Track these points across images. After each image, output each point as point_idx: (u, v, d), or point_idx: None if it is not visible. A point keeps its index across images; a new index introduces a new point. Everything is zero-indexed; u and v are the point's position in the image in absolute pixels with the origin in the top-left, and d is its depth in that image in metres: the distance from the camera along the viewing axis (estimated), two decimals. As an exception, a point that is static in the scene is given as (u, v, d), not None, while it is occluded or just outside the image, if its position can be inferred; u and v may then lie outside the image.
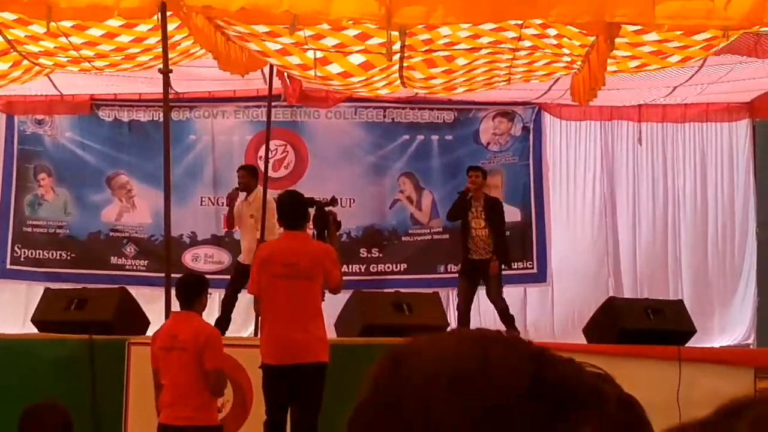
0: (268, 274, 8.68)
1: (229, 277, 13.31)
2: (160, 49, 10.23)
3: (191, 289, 8.35)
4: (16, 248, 15.13)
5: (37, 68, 11.86)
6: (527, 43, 10.56)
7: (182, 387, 7.95)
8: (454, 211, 13.16)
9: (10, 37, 10.62)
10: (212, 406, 8.21)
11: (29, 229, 15.19)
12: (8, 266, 15.12)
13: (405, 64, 11.08)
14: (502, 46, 10.64)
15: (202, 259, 14.32)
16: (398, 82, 11.83)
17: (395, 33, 9.16)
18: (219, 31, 10.30)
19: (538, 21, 9.71)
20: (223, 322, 11.87)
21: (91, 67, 11.73)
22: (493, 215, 12.91)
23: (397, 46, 9.99)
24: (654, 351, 9.85)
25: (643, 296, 13.34)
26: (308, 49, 10.67)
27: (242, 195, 12.79)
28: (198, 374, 7.95)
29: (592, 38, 9.81)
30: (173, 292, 8.76)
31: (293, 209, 8.93)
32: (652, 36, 9.78)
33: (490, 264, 12.80)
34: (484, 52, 10.78)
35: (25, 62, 11.54)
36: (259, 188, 12.73)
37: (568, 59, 10.81)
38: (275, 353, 8.42)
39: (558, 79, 12.54)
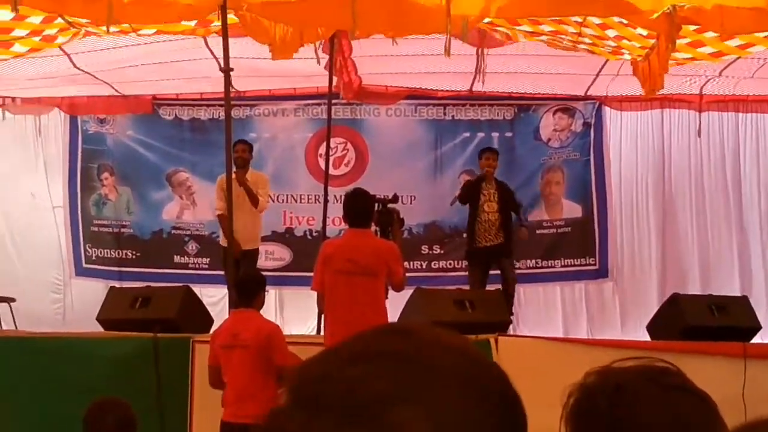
0: (331, 271, 8.72)
1: (292, 273, 13.37)
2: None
3: (250, 287, 8.40)
4: (87, 248, 15.28)
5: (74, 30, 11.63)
6: (587, 40, 10.50)
7: (245, 385, 7.99)
8: (466, 195, 12.91)
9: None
10: (275, 404, 8.22)
11: (96, 229, 15.34)
12: (84, 264, 15.28)
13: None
14: (562, 36, 10.60)
15: (263, 256, 14.34)
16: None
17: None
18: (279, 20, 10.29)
19: (597, 21, 9.67)
20: None
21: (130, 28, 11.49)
22: (505, 199, 12.77)
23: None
24: (718, 348, 9.75)
25: (707, 292, 13.21)
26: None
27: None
28: (261, 372, 7.98)
29: (653, 41, 9.75)
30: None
31: (359, 207, 8.97)
32: (711, 34, 9.68)
33: (519, 231, 12.72)
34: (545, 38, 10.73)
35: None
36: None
37: (628, 59, 10.75)
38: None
39: (618, 71, 12.45)
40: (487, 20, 10.07)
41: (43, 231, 15.40)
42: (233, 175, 11.55)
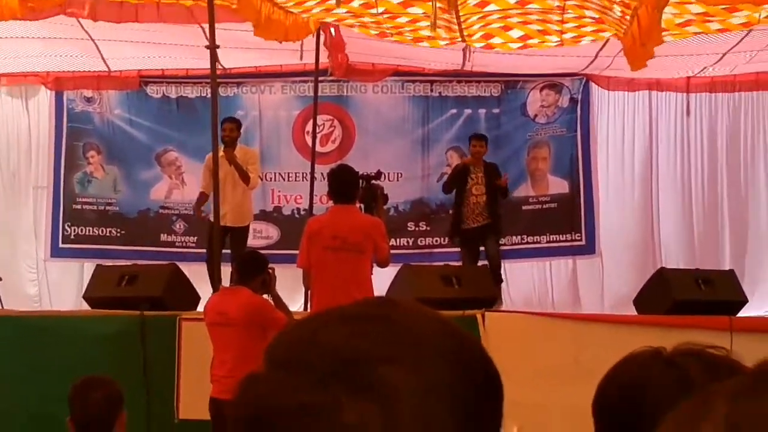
0: (317, 247, 8.72)
1: (279, 251, 13.36)
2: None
3: (245, 266, 8.37)
4: (66, 226, 15.25)
5: None
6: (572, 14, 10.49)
7: (233, 361, 7.97)
8: (451, 183, 13.06)
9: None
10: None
11: (79, 207, 15.31)
12: (60, 245, 15.25)
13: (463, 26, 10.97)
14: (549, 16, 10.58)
15: (251, 235, 14.31)
16: (457, 31, 11.68)
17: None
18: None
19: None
20: None
21: None
22: (491, 180, 12.83)
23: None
24: (705, 321, 9.74)
25: (693, 267, 13.24)
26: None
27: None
28: (249, 348, 7.96)
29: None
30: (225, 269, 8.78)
31: (343, 183, 8.96)
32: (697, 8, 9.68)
33: (502, 179, 12.82)
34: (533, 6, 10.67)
35: None
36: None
37: (618, 11, 10.66)
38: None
39: (604, 45, 12.43)
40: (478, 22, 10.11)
41: (23, 211, 15.39)
42: (223, 153, 11.56)
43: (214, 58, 10.34)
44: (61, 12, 11.00)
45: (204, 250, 12.61)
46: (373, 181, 10.56)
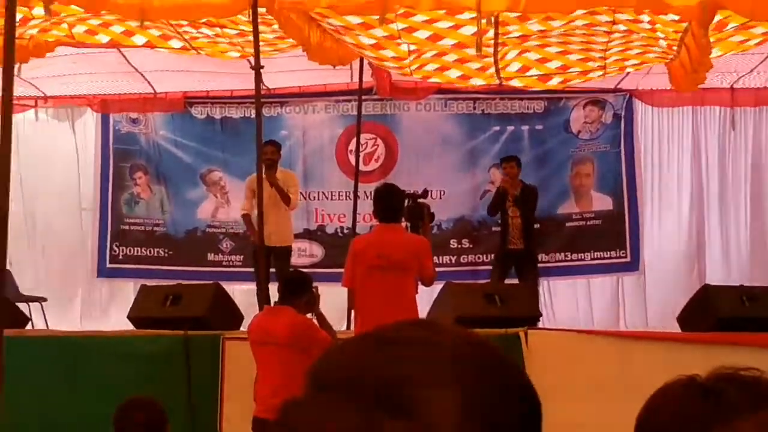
0: (362, 266, 8.72)
1: (323, 270, 13.40)
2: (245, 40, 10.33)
3: (290, 286, 8.35)
4: (114, 246, 15.36)
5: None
6: (621, 27, 10.45)
7: (277, 381, 7.96)
8: (493, 207, 13.19)
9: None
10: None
11: (127, 227, 15.43)
12: (108, 265, 15.36)
13: (499, 56, 11.01)
14: (596, 29, 10.55)
15: (295, 254, 14.35)
16: (493, 73, 11.74)
17: (484, 20, 9.11)
18: (313, 23, 10.32)
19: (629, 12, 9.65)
20: None
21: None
22: (526, 204, 12.94)
23: (490, 34, 9.96)
24: (750, 338, 9.68)
25: (738, 284, 13.13)
26: (401, 43, 10.66)
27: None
28: (293, 367, 7.96)
29: (686, 24, 9.70)
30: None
31: (389, 202, 8.96)
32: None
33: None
34: (577, 38, 10.67)
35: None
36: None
37: (664, 44, 10.66)
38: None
39: (651, 68, 12.40)
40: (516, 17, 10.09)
41: (70, 232, 15.51)
42: (264, 176, 11.67)
43: (258, 79, 10.38)
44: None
45: (250, 269, 12.68)
46: (419, 200, 10.56)
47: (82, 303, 15.33)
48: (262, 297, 10.60)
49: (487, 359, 1.18)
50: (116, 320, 13.79)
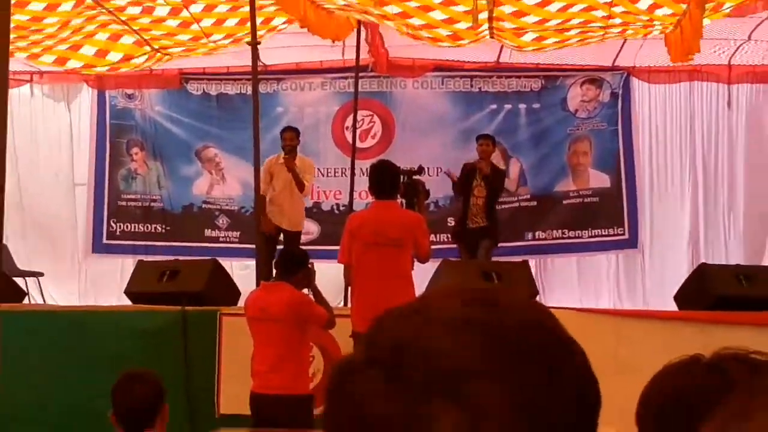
0: (359, 243, 8.71)
1: (319, 247, 13.41)
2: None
3: (286, 262, 8.38)
4: (111, 222, 15.36)
5: (158, 55, 11.96)
6: (618, 20, 10.48)
7: (274, 357, 7.99)
8: (461, 186, 13.09)
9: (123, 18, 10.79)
10: (304, 375, 8.24)
11: (124, 203, 15.43)
12: (104, 241, 15.36)
13: (494, 14, 10.96)
14: (594, 13, 10.57)
15: (291, 230, 14.40)
16: (486, 32, 11.70)
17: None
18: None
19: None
20: None
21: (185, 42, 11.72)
22: (494, 185, 12.92)
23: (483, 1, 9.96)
24: (746, 317, 9.69)
25: (735, 262, 13.15)
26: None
27: (277, 157, 12.53)
28: (291, 343, 7.99)
29: (684, 5, 9.72)
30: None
31: (384, 178, 8.94)
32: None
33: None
34: (577, 8, 10.66)
35: (147, 48, 11.66)
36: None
37: (660, 27, 10.69)
38: (367, 321, 8.29)
39: (643, 42, 12.43)
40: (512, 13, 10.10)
41: (65, 208, 15.51)
42: (281, 159, 12.14)
43: (255, 55, 10.38)
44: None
45: (248, 245, 12.72)
46: (415, 176, 10.56)
47: (78, 278, 15.32)
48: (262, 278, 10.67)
49: (552, 350, 1.15)
50: (112, 296, 13.82)
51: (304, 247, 10.85)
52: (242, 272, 13.42)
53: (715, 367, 1.90)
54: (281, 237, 12.47)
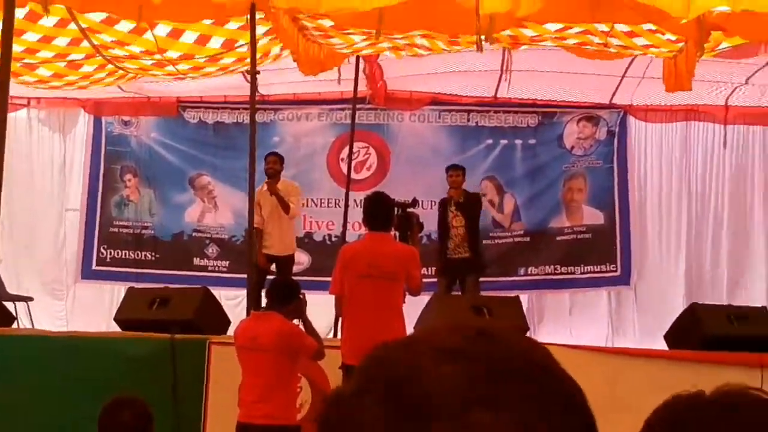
0: (352, 275, 8.68)
1: (310, 278, 13.38)
2: (244, 51, 10.35)
3: (278, 292, 8.32)
4: (102, 249, 15.34)
5: (121, 72, 12.02)
6: (613, 50, 10.50)
7: (262, 386, 7.95)
8: (441, 222, 13.09)
9: (96, 42, 10.79)
10: (292, 406, 8.21)
11: (115, 230, 15.41)
12: (94, 267, 15.32)
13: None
14: (587, 47, 10.58)
15: (283, 261, 14.38)
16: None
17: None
18: (300, 33, 10.35)
19: (625, 29, 9.68)
20: None
21: (176, 71, 11.84)
22: (470, 212, 12.89)
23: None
24: (736, 358, 9.67)
25: (727, 302, 13.14)
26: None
27: (263, 186, 12.48)
28: (280, 374, 7.95)
29: (681, 44, 9.74)
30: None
31: (379, 211, 8.92)
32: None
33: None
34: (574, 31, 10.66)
35: (110, 66, 11.71)
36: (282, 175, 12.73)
37: (657, 51, 10.68)
38: (357, 354, 8.37)
39: (644, 73, 12.47)
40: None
41: (52, 232, 15.49)
42: (264, 187, 12.16)
43: (254, 85, 10.39)
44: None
45: (237, 275, 12.71)
46: (409, 209, 10.55)
47: (66, 304, 15.28)
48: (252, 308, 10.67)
49: (549, 382, 1.15)
50: (100, 321, 13.78)
51: (295, 277, 10.83)
52: (230, 302, 13.40)
53: (726, 405, 1.87)
54: (273, 267, 12.47)
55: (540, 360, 1.16)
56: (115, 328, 10.92)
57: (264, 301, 9.12)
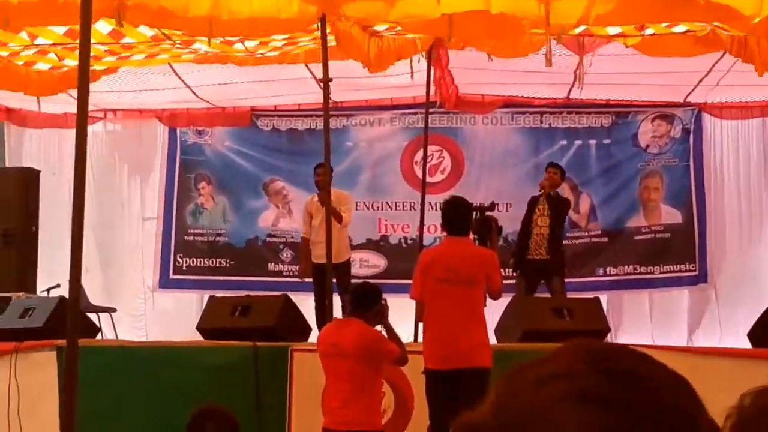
0: (430, 279, 8.67)
1: (386, 281, 13.42)
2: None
3: (360, 298, 8.34)
4: (178, 258, 15.49)
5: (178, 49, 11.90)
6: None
7: (346, 392, 7.97)
8: (525, 215, 12.99)
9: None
10: (376, 411, 8.23)
11: (190, 238, 15.56)
12: (171, 276, 15.48)
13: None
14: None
15: (357, 264, 14.41)
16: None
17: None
18: (372, 36, 10.39)
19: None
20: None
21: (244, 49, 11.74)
22: (557, 213, 12.79)
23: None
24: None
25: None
26: None
27: (313, 197, 12.60)
28: (362, 379, 7.97)
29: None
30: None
31: (457, 215, 8.91)
32: None
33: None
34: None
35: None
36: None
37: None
38: (439, 358, 8.40)
39: (719, 82, 12.34)
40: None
41: (130, 242, 15.67)
42: (314, 198, 12.25)
43: (326, 92, 10.43)
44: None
45: (309, 280, 12.77)
46: (487, 213, 10.53)
47: (146, 313, 15.45)
48: (322, 318, 10.74)
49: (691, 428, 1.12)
50: (179, 331, 13.94)
51: (370, 280, 10.85)
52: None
53: None
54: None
55: (687, 414, 1.14)
56: (196, 336, 11.02)
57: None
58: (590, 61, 11.95)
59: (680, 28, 10.37)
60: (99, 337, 11.84)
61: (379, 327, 8.36)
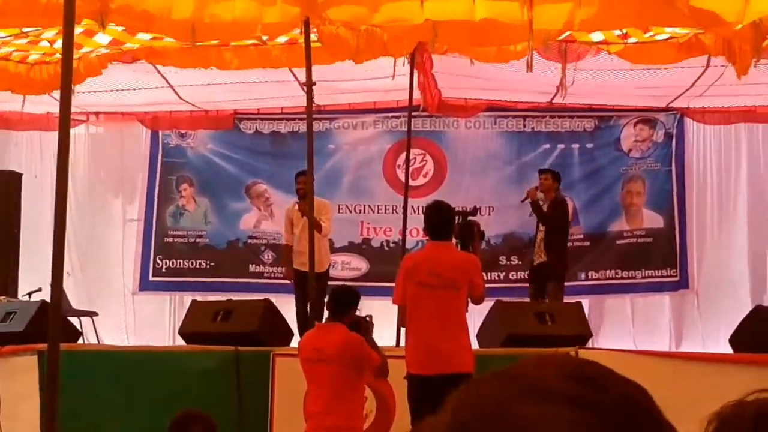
0: (413, 284, 8.66)
1: (368, 284, 13.41)
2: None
3: (337, 301, 8.35)
4: (157, 259, 15.47)
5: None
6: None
7: (327, 398, 7.96)
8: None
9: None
10: (358, 416, 8.21)
11: (170, 240, 15.54)
12: (151, 278, 15.45)
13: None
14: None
15: (339, 266, 14.42)
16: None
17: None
18: (361, 32, 10.37)
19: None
20: None
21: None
22: (551, 217, 12.77)
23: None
24: (803, 360, 9.59)
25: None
26: None
27: (294, 204, 12.63)
28: (345, 385, 7.97)
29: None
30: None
31: (440, 219, 8.90)
32: None
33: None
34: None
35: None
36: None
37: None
38: (421, 363, 8.39)
39: (704, 93, 12.36)
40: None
41: (112, 244, 15.63)
42: (295, 206, 12.23)
43: (310, 96, 10.43)
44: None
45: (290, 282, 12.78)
46: (470, 217, 10.53)
47: (126, 316, 15.41)
48: (303, 324, 10.73)
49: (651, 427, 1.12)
50: (160, 333, 13.90)
51: (353, 283, 10.84)
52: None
53: None
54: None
55: (646, 410, 1.13)
56: (176, 340, 11.01)
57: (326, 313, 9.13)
58: (572, 78, 11.98)
59: (663, 36, 10.40)
60: (81, 341, 11.81)
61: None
